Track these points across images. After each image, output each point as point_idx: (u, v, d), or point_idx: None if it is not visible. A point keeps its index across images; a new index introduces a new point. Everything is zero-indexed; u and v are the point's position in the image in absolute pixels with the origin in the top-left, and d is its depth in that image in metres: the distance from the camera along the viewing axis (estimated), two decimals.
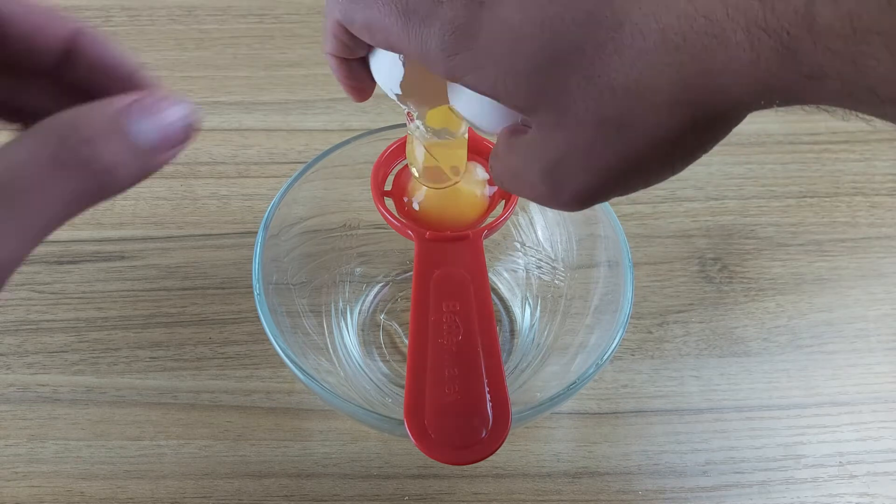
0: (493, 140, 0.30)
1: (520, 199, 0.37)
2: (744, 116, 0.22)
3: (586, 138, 0.23)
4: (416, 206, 0.36)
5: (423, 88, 0.29)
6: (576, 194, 0.24)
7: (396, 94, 0.30)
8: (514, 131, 0.26)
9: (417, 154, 0.34)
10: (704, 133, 0.22)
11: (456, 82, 0.25)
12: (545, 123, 0.23)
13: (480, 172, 0.37)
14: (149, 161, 0.20)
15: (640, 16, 0.21)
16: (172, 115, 0.20)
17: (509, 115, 0.28)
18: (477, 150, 0.37)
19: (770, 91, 0.20)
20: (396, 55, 0.28)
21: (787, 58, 0.19)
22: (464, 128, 0.33)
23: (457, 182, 0.35)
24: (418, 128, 0.32)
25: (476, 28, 0.23)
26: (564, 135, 0.23)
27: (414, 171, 0.35)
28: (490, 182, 0.37)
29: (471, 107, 0.29)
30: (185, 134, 0.21)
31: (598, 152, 0.23)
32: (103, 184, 0.19)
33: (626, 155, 0.23)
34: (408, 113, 0.32)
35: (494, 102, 0.27)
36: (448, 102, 0.30)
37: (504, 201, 0.37)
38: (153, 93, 0.20)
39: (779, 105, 0.21)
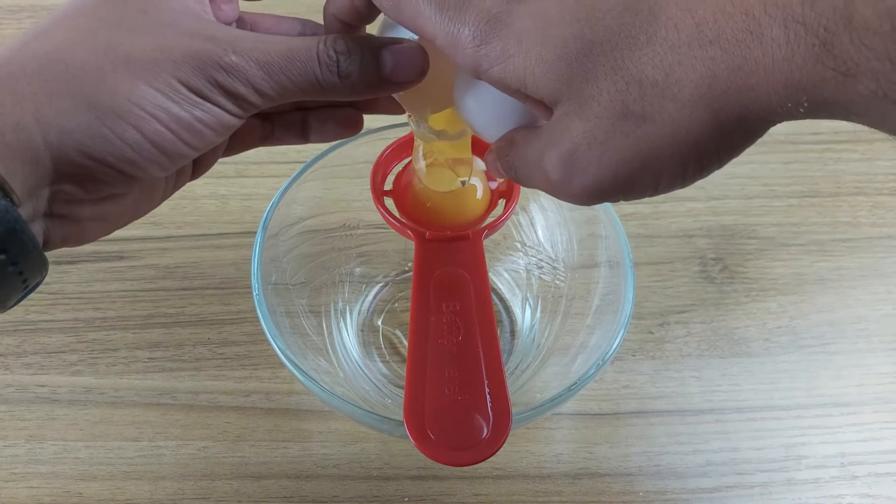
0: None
1: (520, 199, 0.37)
2: (765, 128, 0.22)
3: (605, 129, 0.23)
4: (416, 205, 0.36)
5: (426, 92, 0.29)
6: (585, 187, 0.24)
7: (398, 94, 0.30)
8: (528, 126, 0.26)
9: (421, 157, 0.34)
10: (723, 139, 0.22)
11: (478, 75, 0.25)
12: (567, 113, 0.23)
13: (480, 167, 0.37)
14: (377, 85, 0.28)
15: (676, 9, 0.21)
16: (411, 61, 0.28)
17: (515, 121, 0.28)
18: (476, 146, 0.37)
19: (799, 91, 0.20)
20: None
21: (822, 53, 0.19)
22: (466, 128, 0.32)
23: (464, 183, 0.35)
24: (420, 128, 0.32)
25: (510, 18, 0.23)
26: (584, 125, 0.23)
27: (420, 172, 0.34)
28: (489, 176, 0.36)
29: (477, 112, 0.29)
30: (412, 77, 0.28)
31: (615, 145, 0.23)
32: (336, 84, 0.27)
33: (642, 150, 0.22)
34: (409, 115, 0.32)
35: (501, 108, 0.27)
36: (448, 107, 0.30)
37: (504, 201, 0.36)
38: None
39: (804, 112, 0.21)
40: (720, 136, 0.22)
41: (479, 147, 0.37)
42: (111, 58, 0.24)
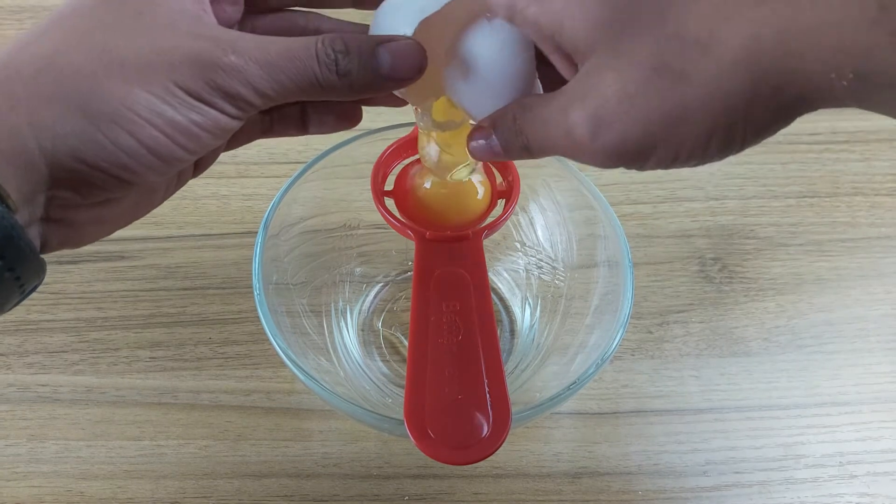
0: None
1: (520, 199, 0.37)
2: (796, 110, 0.22)
3: (638, 85, 0.22)
4: (417, 203, 0.36)
5: (425, 81, 0.29)
6: (608, 145, 0.23)
7: None
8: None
9: (429, 148, 0.34)
10: (755, 112, 0.22)
11: (512, 16, 0.24)
12: (599, 66, 0.23)
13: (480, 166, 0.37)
14: (375, 83, 0.27)
15: None
16: (408, 57, 0.27)
17: (506, 99, 0.27)
18: None
19: (848, 58, 0.19)
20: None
21: (879, 16, 0.19)
22: (466, 117, 0.32)
23: (472, 168, 0.34)
24: (423, 119, 0.32)
25: None
26: (617, 78, 0.22)
27: (428, 161, 0.34)
28: (490, 176, 0.37)
29: (467, 94, 0.28)
30: (410, 75, 0.27)
31: (646, 103, 0.22)
32: (335, 83, 0.26)
33: (672, 111, 0.22)
34: (416, 108, 0.32)
35: (491, 88, 0.27)
36: (443, 94, 0.30)
37: (504, 201, 0.37)
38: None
39: (845, 90, 0.20)
40: (753, 108, 0.22)
41: None
42: (105, 62, 0.24)
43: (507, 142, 0.27)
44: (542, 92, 0.29)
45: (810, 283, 0.49)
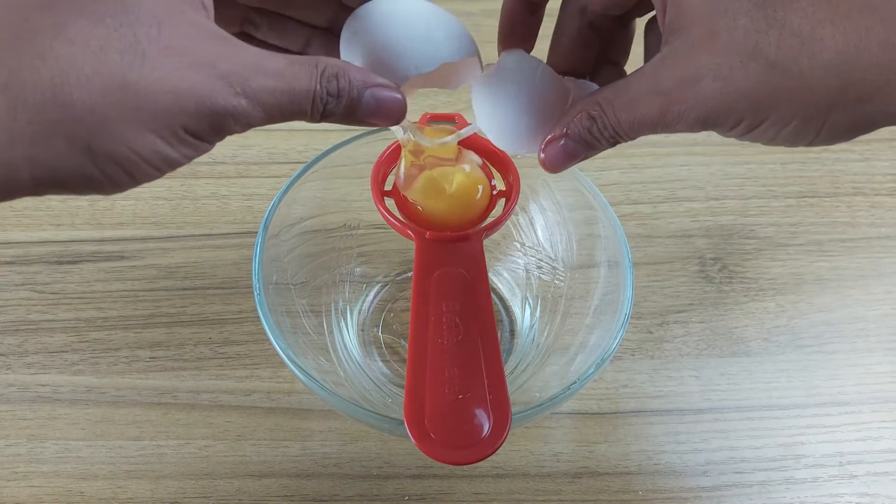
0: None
1: (519, 199, 0.37)
2: (875, 123, 0.23)
3: (731, 66, 0.23)
4: (416, 202, 0.36)
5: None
6: (701, 116, 0.24)
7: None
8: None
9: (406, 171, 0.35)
10: (838, 114, 0.23)
11: None
12: (693, 44, 0.24)
13: (476, 162, 0.37)
14: (351, 115, 0.27)
15: None
16: (390, 101, 0.27)
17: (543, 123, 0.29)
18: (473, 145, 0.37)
19: None
20: None
21: None
22: (450, 137, 0.33)
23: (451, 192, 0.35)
24: (405, 135, 0.32)
25: None
26: (711, 58, 0.23)
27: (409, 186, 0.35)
28: (489, 176, 0.37)
29: (501, 130, 0.30)
30: (391, 116, 0.27)
31: (737, 81, 0.23)
32: (319, 110, 0.26)
33: (758, 96, 0.23)
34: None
35: (520, 123, 0.29)
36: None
37: (504, 201, 0.37)
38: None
39: None
40: (834, 111, 0.22)
41: (475, 145, 0.38)
42: (120, 102, 0.23)
43: (590, 139, 0.28)
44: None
45: (810, 283, 0.49)
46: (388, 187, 0.37)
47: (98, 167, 0.24)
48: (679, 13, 0.24)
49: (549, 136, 0.29)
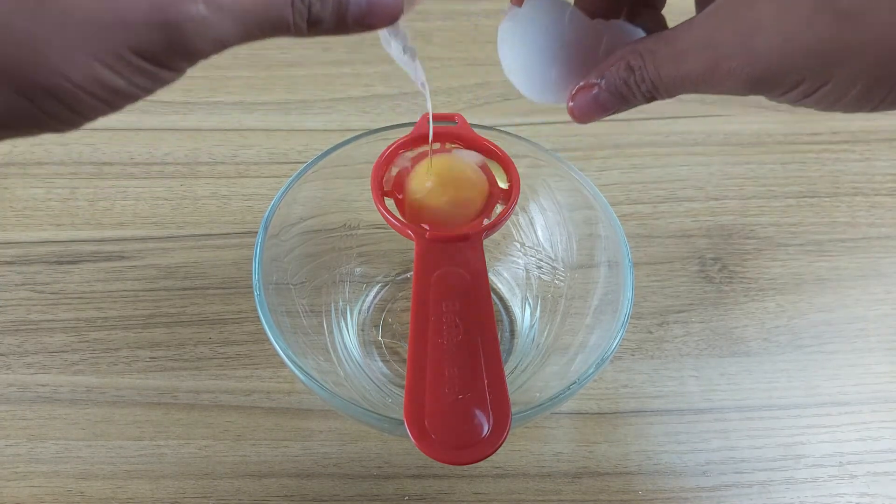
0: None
1: (519, 199, 0.37)
2: None
3: (798, 17, 0.22)
4: (416, 200, 0.36)
5: None
6: (756, 73, 0.23)
7: None
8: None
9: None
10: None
11: None
12: None
13: (475, 160, 0.37)
14: (341, 24, 0.24)
15: None
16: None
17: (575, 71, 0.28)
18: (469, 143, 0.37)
19: None
20: None
21: None
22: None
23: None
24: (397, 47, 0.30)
25: None
26: (774, 9, 0.22)
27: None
28: (491, 177, 0.37)
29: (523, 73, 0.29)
30: (384, 18, 0.25)
31: (804, 35, 0.22)
32: (305, 20, 0.23)
33: (828, 48, 0.22)
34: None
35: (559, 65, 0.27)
36: None
37: (504, 200, 0.37)
38: None
39: None
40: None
41: (476, 145, 0.38)
42: (46, 24, 0.20)
43: (626, 92, 0.26)
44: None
45: (810, 283, 0.49)
46: (388, 187, 0.37)
47: (35, 104, 0.20)
48: None
49: (581, 84, 0.27)
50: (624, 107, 0.27)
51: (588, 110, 0.27)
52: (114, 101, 0.22)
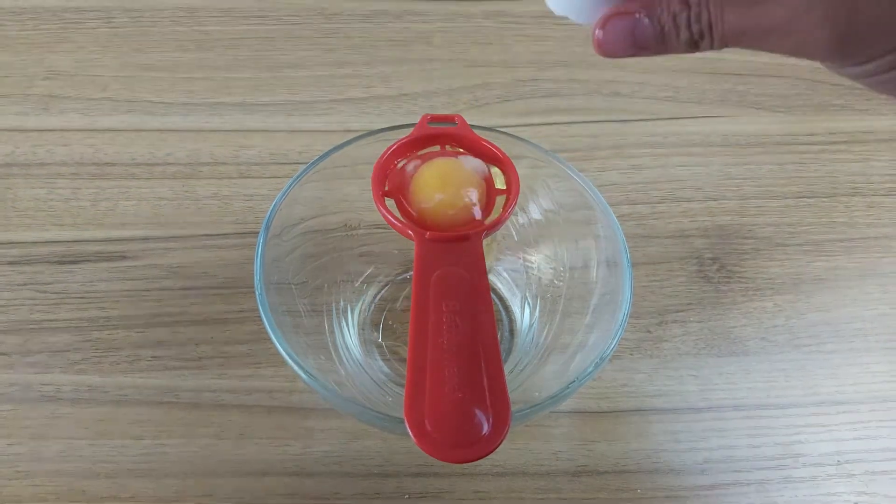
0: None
1: (519, 199, 0.37)
2: None
3: None
4: (416, 200, 0.36)
5: None
6: (839, 35, 0.20)
7: None
8: None
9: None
10: None
11: None
12: None
13: (480, 168, 0.37)
14: None
15: None
16: None
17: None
18: (470, 147, 0.37)
19: None
20: None
21: None
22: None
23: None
24: None
25: None
26: None
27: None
28: (489, 179, 0.37)
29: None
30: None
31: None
32: None
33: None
34: None
35: None
36: None
37: (504, 200, 0.37)
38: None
39: None
40: None
41: (474, 148, 0.38)
42: None
43: (671, 30, 0.22)
44: None
45: (808, 283, 0.49)
46: (388, 187, 0.37)
47: None
48: None
49: (615, 9, 0.23)
50: (660, 50, 0.23)
51: (618, 44, 0.23)
52: None
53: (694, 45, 0.22)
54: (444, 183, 0.36)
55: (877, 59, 0.20)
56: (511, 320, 0.46)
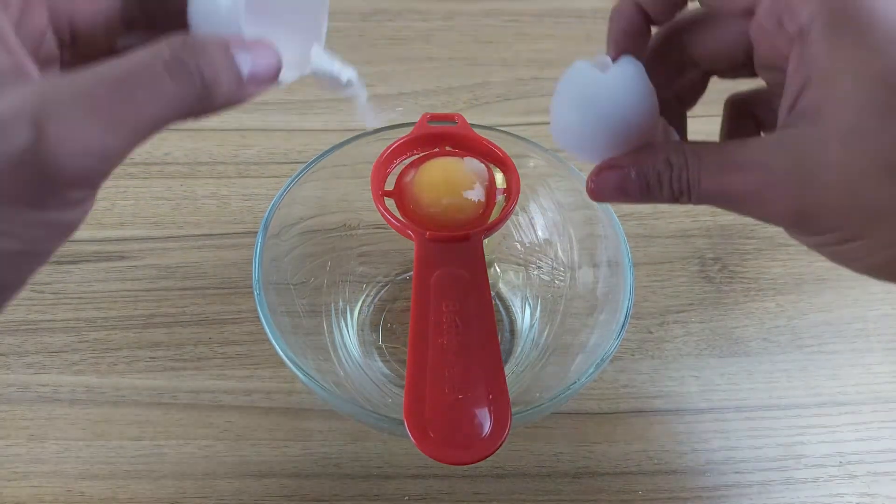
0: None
1: (520, 199, 0.37)
2: None
3: (863, 175, 0.21)
4: (416, 200, 0.36)
5: None
6: (811, 226, 0.23)
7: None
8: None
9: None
10: None
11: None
12: (819, 138, 0.22)
13: (480, 169, 0.37)
14: (241, 89, 0.23)
15: None
16: (267, 57, 0.23)
17: (631, 144, 0.26)
18: (471, 148, 0.37)
19: None
20: None
21: None
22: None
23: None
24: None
25: None
26: (840, 161, 0.21)
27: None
28: (490, 178, 0.37)
29: (581, 139, 0.27)
30: (272, 76, 0.23)
31: (866, 196, 0.21)
32: (202, 96, 0.21)
33: (889, 215, 0.22)
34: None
35: (615, 134, 0.26)
36: None
37: (504, 201, 0.37)
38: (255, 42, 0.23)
39: None
40: None
41: (476, 144, 0.38)
42: None
43: (654, 185, 0.25)
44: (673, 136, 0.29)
45: (810, 283, 0.49)
46: (388, 187, 0.37)
47: None
48: (821, 100, 0.22)
49: (607, 163, 0.26)
50: (645, 199, 0.26)
51: (608, 191, 0.26)
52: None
53: (675, 200, 0.25)
54: (444, 183, 0.36)
55: (822, 234, 0.23)
56: (511, 321, 0.46)
